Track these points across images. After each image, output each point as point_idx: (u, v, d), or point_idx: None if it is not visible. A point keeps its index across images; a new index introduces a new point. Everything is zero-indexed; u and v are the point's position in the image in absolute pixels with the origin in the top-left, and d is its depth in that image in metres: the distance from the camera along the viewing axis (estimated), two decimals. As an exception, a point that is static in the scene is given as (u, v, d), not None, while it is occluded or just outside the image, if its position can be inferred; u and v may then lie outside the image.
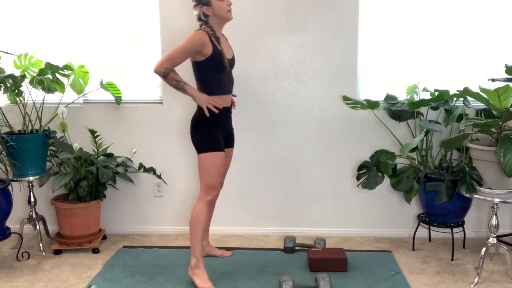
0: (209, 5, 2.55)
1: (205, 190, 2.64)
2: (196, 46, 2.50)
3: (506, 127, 2.67)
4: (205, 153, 2.61)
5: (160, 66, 2.52)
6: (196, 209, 2.64)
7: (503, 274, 2.81)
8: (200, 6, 2.56)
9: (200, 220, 2.63)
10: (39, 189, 3.43)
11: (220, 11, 2.57)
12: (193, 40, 2.50)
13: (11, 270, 2.92)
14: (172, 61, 2.51)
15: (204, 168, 2.61)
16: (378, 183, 3.18)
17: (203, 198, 2.64)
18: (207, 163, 2.61)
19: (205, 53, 2.53)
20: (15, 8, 3.37)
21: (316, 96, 3.30)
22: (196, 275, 2.66)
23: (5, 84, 2.96)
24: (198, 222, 2.63)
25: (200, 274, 2.66)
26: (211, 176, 2.62)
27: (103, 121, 3.41)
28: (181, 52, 2.50)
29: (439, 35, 3.25)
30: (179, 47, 2.50)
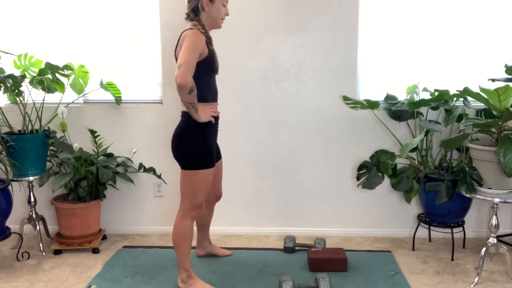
0: (212, 1, 2.41)
1: (191, 208, 2.48)
2: (200, 45, 2.31)
3: (506, 127, 2.67)
4: (197, 170, 2.40)
5: (187, 78, 2.19)
6: (181, 227, 2.49)
7: (503, 274, 2.81)
8: None
9: (187, 237, 2.50)
10: (39, 189, 3.43)
11: (217, 14, 2.44)
12: (197, 39, 2.30)
13: (11, 270, 2.92)
14: (192, 68, 2.23)
15: (194, 186, 2.43)
16: (378, 183, 3.18)
17: (187, 215, 2.49)
18: (199, 181, 2.43)
19: (203, 54, 2.36)
20: (15, 8, 3.37)
21: (316, 96, 3.30)
22: (191, 285, 2.58)
23: (5, 84, 2.96)
24: (186, 240, 2.50)
25: (196, 282, 2.60)
26: (200, 194, 2.46)
27: (103, 121, 3.41)
28: (193, 54, 2.26)
29: (439, 35, 3.25)
30: (190, 50, 2.25)
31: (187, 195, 2.47)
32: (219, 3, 2.44)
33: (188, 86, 2.21)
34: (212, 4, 2.42)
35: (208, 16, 2.44)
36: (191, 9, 2.44)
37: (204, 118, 2.40)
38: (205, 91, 2.45)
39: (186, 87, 2.21)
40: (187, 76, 2.20)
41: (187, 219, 2.51)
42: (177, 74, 2.20)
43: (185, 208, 2.50)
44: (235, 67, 3.28)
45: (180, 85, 2.20)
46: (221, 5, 2.45)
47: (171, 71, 3.32)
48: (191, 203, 2.48)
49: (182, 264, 2.57)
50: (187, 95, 2.25)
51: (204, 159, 2.43)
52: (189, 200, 2.48)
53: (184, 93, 2.24)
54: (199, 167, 2.42)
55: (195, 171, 2.42)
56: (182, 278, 2.61)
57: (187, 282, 2.60)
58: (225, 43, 3.25)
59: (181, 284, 2.62)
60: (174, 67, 3.30)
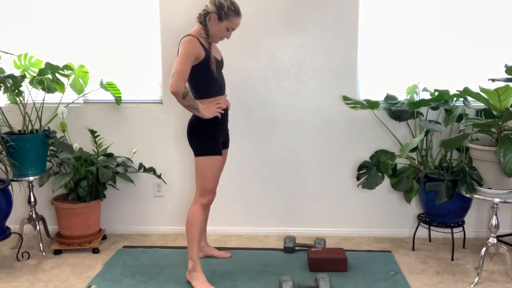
0: (220, 20, 2.54)
1: (201, 194, 2.62)
2: (195, 52, 2.48)
3: (506, 127, 2.67)
4: (203, 157, 2.58)
5: (178, 86, 2.41)
6: (191, 213, 2.63)
7: (503, 274, 2.81)
8: (215, 10, 2.52)
9: (196, 224, 2.62)
10: (39, 189, 3.43)
11: (218, 32, 2.57)
12: (191, 47, 2.47)
13: (11, 270, 2.92)
14: (184, 77, 2.44)
15: (202, 172, 2.59)
16: (378, 183, 3.18)
17: (198, 202, 2.63)
18: (205, 167, 2.59)
19: (200, 57, 2.51)
20: (15, 8, 3.37)
21: (316, 96, 3.30)
22: (194, 278, 2.65)
23: (5, 84, 2.96)
24: (194, 226, 2.62)
25: (198, 276, 2.65)
26: (208, 180, 2.61)
27: (103, 121, 3.41)
28: (186, 63, 2.45)
29: (439, 35, 3.25)
30: (183, 59, 2.44)
31: (199, 181, 2.62)
32: (224, 26, 2.57)
33: (180, 93, 2.43)
34: (218, 22, 2.56)
35: (210, 28, 2.57)
36: (204, 13, 2.57)
37: (208, 115, 2.56)
38: (208, 89, 2.61)
39: (179, 94, 2.43)
40: (178, 84, 2.42)
41: (198, 206, 2.63)
42: (170, 83, 2.43)
43: (198, 195, 2.64)
44: (235, 67, 3.28)
45: (173, 93, 2.43)
46: (225, 28, 2.58)
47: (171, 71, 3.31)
48: (202, 189, 2.62)
49: (190, 252, 2.66)
50: (182, 100, 2.46)
51: (211, 147, 2.60)
52: (200, 186, 2.62)
53: (178, 99, 2.45)
54: (208, 153, 2.59)
55: (204, 158, 2.59)
56: (188, 268, 2.68)
57: (191, 273, 2.67)
58: (225, 43, 3.24)
59: (188, 274, 2.70)
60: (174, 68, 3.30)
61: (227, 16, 2.54)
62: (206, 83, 2.59)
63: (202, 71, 2.55)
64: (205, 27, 2.56)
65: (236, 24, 2.60)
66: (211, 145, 2.59)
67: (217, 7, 2.52)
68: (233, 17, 2.56)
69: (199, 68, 2.53)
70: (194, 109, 2.51)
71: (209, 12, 2.54)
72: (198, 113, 2.53)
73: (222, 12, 2.52)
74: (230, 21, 2.56)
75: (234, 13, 2.56)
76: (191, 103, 2.48)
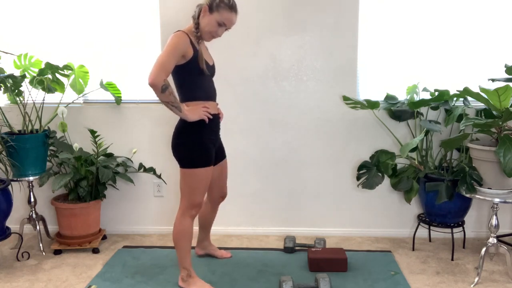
0: (211, 12, 2.42)
1: (190, 207, 2.49)
2: (182, 47, 2.35)
3: (506, 127, 2.67)
4: (194, 169, 2.42)
5: (158, 78, 2.25)
6: (180, 225, 2.51)
7: (503, 274, 2.81)
8: (207, 1, 2.42)
9: (187, 236, 2.52)
10: (39, 189, 3.43)
11: (207, 26, 2.43)
12: (179, 41, 2.35)
13: (11, 270, 2.92)
14: (166, 69, 2.29)
15: (192, 185, 2.44)
16: (378, 183, 3.18)
17: (187, 213, 2.50)
18: (197, 179, 2.44)
19: (187, 55, 2.39)
20: (15, 8, 3.37)
21: (316, 96, 3.30)
22: (191, 283, 2.59)
23: (5, 84, 2.96)
24: (185, 238, 2.52)
25: (195, 281, 2.60)
26: (198, 193, 2.47)
27: (103, 121, 3.41)
28: (171, 56, 2.31)
29: (439, 35, 3.25)
30: (168, 52, 2.31)
31: (186, 194, 2.48)
32: (215, 19, 2.43)
33: (159, 85, 2.26)
34: (209, 14, 2.43)
35: (200, 21, 2.46)
36: (198, 9, 2.48)
37: (193, 117, 2.40)
38: (195, 91, 2.47)
39: (157, 87, 2.26)
40: (157, 75, 2.25)
41: (186, 218, 2.52)
42: (149, 74, 2.27)
43: (184, 206, 2.51)
44: (235, 67, 3.28)
45: (151, 85, 2.26)
46: (215, 22, 2.44)
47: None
48: (190, 202, 2.49)
49: (182, 262, 2.58)
50: (161, 94, 2.29)
51: (201, 158, 2.44)
52: (187, 199, 2.49)
53: (157, 92, 2.28)
54: (197, 165, 2.44)
55: (193, 170, 2.44)
56: (182, 276, 2.62)
57: (187, 280, 2.61)
58: (225, 43, 3.25)
59: (181, 283, 2.63)
60: (174, 67, 3.31)
61: (218, 8, 2.41)
62: (193, 84, 2.45)
63: (189, 71, 2.42)
64: (196, 21, 2.46)
65: (228, 19, 2.45)
66: (200, 156, 2.43)
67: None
68: (225, 11, 2.42)
69: (186, 67, 2.40)
70: (175, 107, 2.33)
71: (202, 5, 2.45)
72: (180, 113, 2.36)
73: (214, 3, 2.41)
74: (221, 14, 2.42)
75: (227, 6, 2.42)
76: (171, 99, 2.31)
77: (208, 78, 2.55)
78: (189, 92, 2.47)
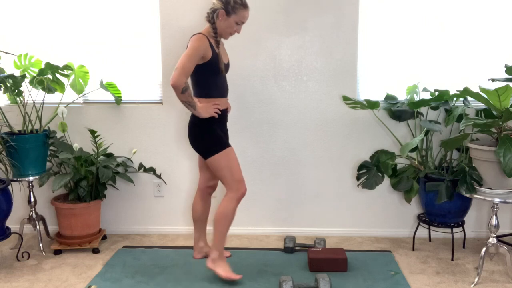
0: (228, 15, 2.56)
1: (235, 188, 2.64)
2: (201, 51, 2.52)
3: (506, 127, 2.67)
4: (217, 154, 2.61)
5: (179, 80, 2.44)
6: (224, 207, 2.64)
7: (503, 274, 2.81)
8: (222, 5, 2.55)
9: (229, 218, 2.66)
10: (39, 189, 3.43)
11: (226, 28, 2.60)
12: (199, 45, 2.51)
13: (11, 270, 2.92)
14: (186, 72, 2.47)
15: (224, 167, 2.62)
16: (378, 183, 3.18)
17: (233, 197, 2.64)
18: (225, 161, 2.62)
19: (206, 57, 2.55)
20: (15, 8, 3.37)
21: (316, 96, 3.30)
22: (220, 266, 2.70)
23: (5, 84, 2.96)
24: (227, 220, 2.66)
25: (224, 265, 2.70)
26: (235, 172, 2.64)
27: (103, 121, 3.41)
28: (192, 59, 2.48)
29: (439, 35, 3.25)
30: (188, 55, 2.48)
31: (226, 178, 2.64)
32: (233, 20, 2.60)
33: (180, 87, 2.45)
34: (227, 18, 2.58)
35: (218, 25, 2.59)
36: (211, 11, 2.60)
37: (204, 114, 2.59)
38: (211, 89, 2.64)
39: (178, 88, 2.45)
40: (179, 78, 2.44)
41: (232, 201, 2.66)
42: (172, 76, 2.46)
43: (232, 190, 2.65)
44: (235, 67, 3.28)
45: (173, 86, 2.45)
46: (234, 22, 2.60)
47: (171, 71, 3.32)
48: (234, 182, 2.64)
49: (218, 245, 2.69)
50: (181, 95, 2.48)
51: (218, 142, 2.63)
52: (230, 181, 2.64)
53: (177, 93, 2.47)
54: (218, 150, 2.62)
55: (217, 155, 2.62)
56: (213, 257, 2.71)
57: (216, 263, 2.70)
58: (225, 43, 3.24)
59: (210, 263, 2.72)
60: (174, 67, 3.30)
61: (235, 10, 2.56)
62: (209, 84, 2.62)
63: (207, 71, 2.59)
64: (213, 25, 2.59)
65: (244, 17, 2.61)
66: (218, 141, 2.62)
67: (223, 3, 2.55)
68: (241, 10, 2.58)
69: (204, 68, 2.57)
70: (191, 106, 2.53)
71: (216, 9, 2.57)
72: (194, 111, 2.56)
73: (229, 6, 2.55)
74: (238, 14, 2.58)
75: (242, 6, 2.58)
76: (189, 99, 2.51)
77: (223, 76, 2.70)
78: (204, 89, 2.64)
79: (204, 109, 2.58)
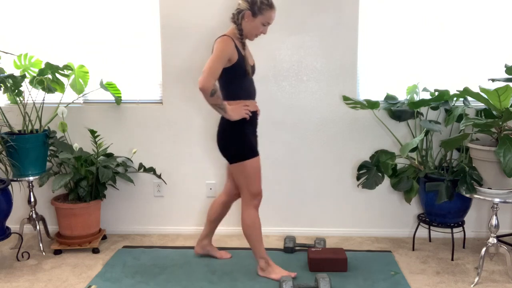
0: (254, 16, 2.53)
1: (251, 197, 2.63)
2: (229, 52, 2.48)
3: (506, 127, 2.67)
4: (245, 161, 2.57)
5: (208, 82, 2.39)
6: (247, 218, 2.65)
7: (503, 274, 2.81)
8: (248, 6, 2.51)
9: (256, 227, 2.66)
10: (39, 189, 3.42)
11: (252, 29, 2.57)
12: (226, 47, 2.47)
13: (11, 270, 2.92)
14: (214, 74, 2.42)
15: (247, 176, 2.59)
16: (378, 183, 3.18)
17: (251, 204, 2.64)
18: (250, 170, 2.58)
19: (233, 59, 2.51)
20: (15, 8, 3.37)
21: (316, 96, 3.30)
22: (271, 272, 2.71)
23: (5, 84, 2.96)
24: (255, 229, 2.66)
25: (274, 268, 2.71)
26: (255, 183, 2.61)
27: (103, 121, 3.41)
28: (219, 62, 2.44)
29: (439, 35, 3.25)
30: (216, 58, 2.44)
31: (244, 186, 2.63)
32: (259, 22, 2.56)
33: (208, 90, 2.40)
34: (253, 19, 2.54)
35: (244, 26, 2.56)
36: (236, 12, 2.56)
37: (235, 117, 2.54)
38: (238, 91, 2.61)
39: (207, 92, 2.40)
40: (207, 81, 2.39)
41: (251, 210, 2.65)
42: (199, 80, 2.41)
43: (246, 199, 2.65)
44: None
45: (201, 90, 2.40)
46: (260, 23, 2.56)
47: (171, 71, 3.32)
48: (250, 193, 2.63)
49: (258, 252, 2.70)
50: (210, 98, 2.43)
51: (248, 150, 2.59)
52: (247, 191, 2.63)
53: (206, 96, 2.43)
54: (246, 158, 2.58)
55: (243, 163, 2.58)
56: (261, 266, 2.73)
57: (267, 269, 2.71)
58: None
59: (261, 272, 2.74)
60: (174, 67, 3.31)
61: (261, 10, 2.52)
62: (236, 85, 2.59)
63: (233, 74, 2.55)
64: (239, 27, 2.55)
65: (271, 18, 2.57)
66: (248, 148, 2.58)
67: (249, 4, 2.51)
68: (268, 11, 2.54)
69: (230, 71, 2.53)
70: (221, 108, 2.49)
71: (242, 10, 2.53)
72: (225, 113, 2.52)
73: (256, 7, 2.51)
74: (265, 15, 2.54)
75: (268, 7, 2.53)
76: (218, 102, 2.46)
77: (250, 78, 2.67)
78: (233, 92, 2.60)
79: (234, 111, 2.53)
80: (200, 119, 3.36)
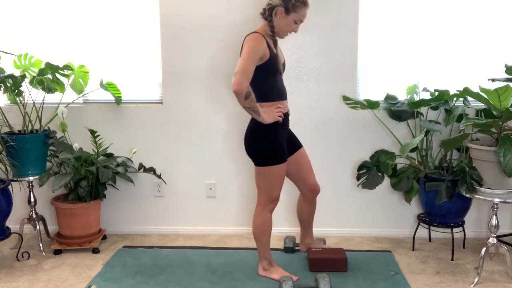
0: (287, 13, 2.43)
1: (269, 201, 2.60)
2: (260, 50, 2.37)
3: (506, 127, 2.67)
4: (273, 166, 2.50)
5: (242, 84, 2.27)
6: (260, 220, 2.61)
7: (503, 274, 2.81)
8: (281, 2, 2.41)
9: (267, 230, 2.64)
10: (39, 189, 3.42)
11: (284, 26, 2.47)
12: (257, 45, 2.36)
13: (11, 270, 2.92)
14: (248, 75, 2.30)
15: (270, 180, 2.53)
16: (378, 183, 3.18)
17: (266, 208, 2.61)
18: (272, 176, 2.52)
19: (264, 57, 2.40)
20: (15, 8, 3.37)
21: (316, 96, 3.30)
22: (273, 272, 2.71)
23: (5, 84, 2.96)
24: (266, 231, 2.64)
25: (276, 269, 2.72)
26: (275, 189, 2.57)
27: (103, 121, 3.41)
28: (251, 61, 2.33)
29: (439, 35, 3.25)
30: (248, 57, 2.32)
31: (263, 189, 2.58)
32: (292, 19, 2.46)
33: (243, 93, 2.29)
34: (286, 16, 2.44)
35: (276, 23, 2.46)
36: (268, 8, 2.46)
37: (269, 120, 2.45)
38: (270, 92, 2.51)
39: (241, 94, 2.30)
40: (242, 83, 2.28)
41: (265, 213, 2.62)
42: (233, 82, 2.30)
43: (262, 202, 2.61)
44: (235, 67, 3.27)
45: (235, 92, 2.29)
46: (293, 21, 2.47)
47: (171, 71, 3.32)
48: (268, 198, 2.60)
49: (263, 254, 2.70)
50: (244, 101, 2.33)
51: (276, 156, 2.51)
52: (266, 195, 2.59)
53: (240, 99, 2.32)
54: (271, 163, 2.51)
55: (268, 168, 2.52)
56: (263, 266, 2.73)
57: (268, 269, 2.72)
58: (225, 43, 3.25)
59: (262, 271, 2.75)
60: (174, 67, 3.31)
61: (295, 7, 2.42)
62: (268, 85, 2.48)
63: (264, 73, 2.44)
64: (270, 23, 2.45)
65: (304, 15, 2.47)
66: (275, 154, 2.50)
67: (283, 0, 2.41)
68: (301, 8, 2.44)
69: (261, 69, 2.41)
70: (254, 112, 2.38)
71: (275, 6, 2.42)
72: (258, 117, 2.40)
73: (290, 4, 2.41)
74: (299, 12, 2.44)
75: (302, 4, 2.44)
76: (252, 105, 2.35)
77: (281, 78, 2.57)
78: (264, 92, 2.49)
79: (267, 114, 2.43)
80: (201, 119, 3.36)
